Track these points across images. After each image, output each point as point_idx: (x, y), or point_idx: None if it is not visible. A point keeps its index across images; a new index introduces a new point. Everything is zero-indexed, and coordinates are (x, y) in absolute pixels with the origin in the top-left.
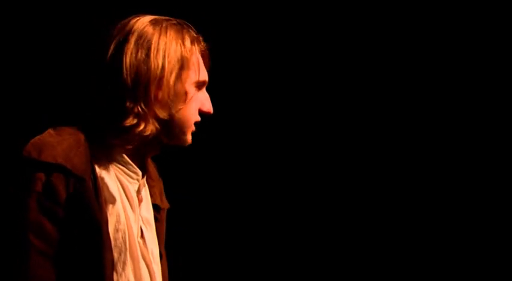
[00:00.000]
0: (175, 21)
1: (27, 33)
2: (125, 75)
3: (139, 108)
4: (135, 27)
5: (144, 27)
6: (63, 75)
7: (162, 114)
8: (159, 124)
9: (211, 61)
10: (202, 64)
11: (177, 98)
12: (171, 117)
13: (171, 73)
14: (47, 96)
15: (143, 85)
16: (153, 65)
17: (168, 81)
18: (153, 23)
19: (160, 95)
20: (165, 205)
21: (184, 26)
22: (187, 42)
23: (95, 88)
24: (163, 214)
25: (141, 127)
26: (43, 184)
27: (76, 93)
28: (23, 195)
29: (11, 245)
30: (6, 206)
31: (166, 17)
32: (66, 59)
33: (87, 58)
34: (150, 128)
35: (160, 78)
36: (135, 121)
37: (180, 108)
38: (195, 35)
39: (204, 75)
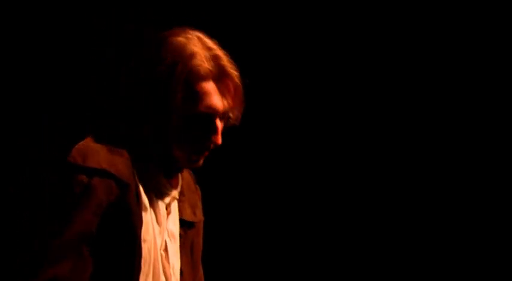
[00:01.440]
0: (213, 47)
1: (28, 34)
2: (127, 80)
3: (135, 115)
4: (168, 38)
5: (173, 38)
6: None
7: (148, 128)
8: (152, 133)
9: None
10: (213, 95)
11: (162, 115)
12: (159, 135)
13: (164, 89)
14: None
15: (139, 93)
16: (150, 75)
17: (157, 96)
18: (186, 37)
19: (147, 105)
20: (198, 218)
21: (217, 54)
22: (201, 69)
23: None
24: (200, 226)
25: (137, 133)
26: (84, 186)
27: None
28: (61, 195)
29: (45, 242)
30: (46, 205)
31: (214, 42)
32: (72, 62)
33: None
34: (143, 136)
35: (152, 90)
36: (131, 127)
37: (166, 126)
38: (221, 66)
39: (205, 107)
